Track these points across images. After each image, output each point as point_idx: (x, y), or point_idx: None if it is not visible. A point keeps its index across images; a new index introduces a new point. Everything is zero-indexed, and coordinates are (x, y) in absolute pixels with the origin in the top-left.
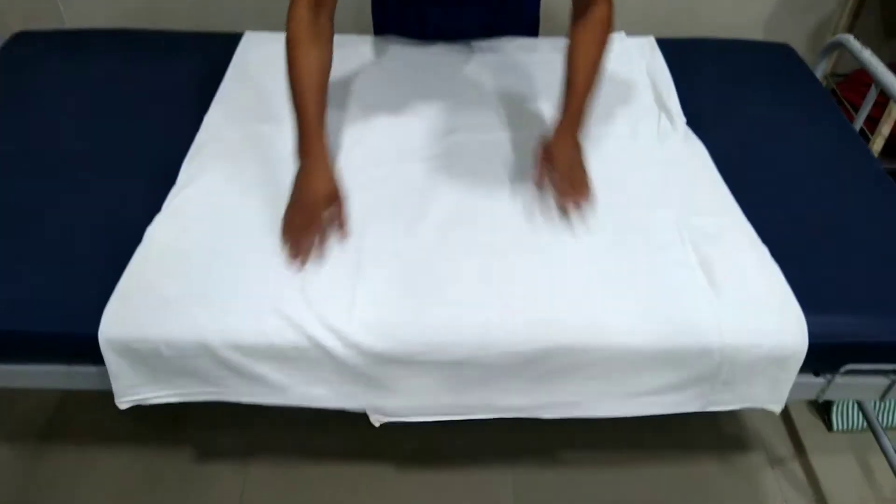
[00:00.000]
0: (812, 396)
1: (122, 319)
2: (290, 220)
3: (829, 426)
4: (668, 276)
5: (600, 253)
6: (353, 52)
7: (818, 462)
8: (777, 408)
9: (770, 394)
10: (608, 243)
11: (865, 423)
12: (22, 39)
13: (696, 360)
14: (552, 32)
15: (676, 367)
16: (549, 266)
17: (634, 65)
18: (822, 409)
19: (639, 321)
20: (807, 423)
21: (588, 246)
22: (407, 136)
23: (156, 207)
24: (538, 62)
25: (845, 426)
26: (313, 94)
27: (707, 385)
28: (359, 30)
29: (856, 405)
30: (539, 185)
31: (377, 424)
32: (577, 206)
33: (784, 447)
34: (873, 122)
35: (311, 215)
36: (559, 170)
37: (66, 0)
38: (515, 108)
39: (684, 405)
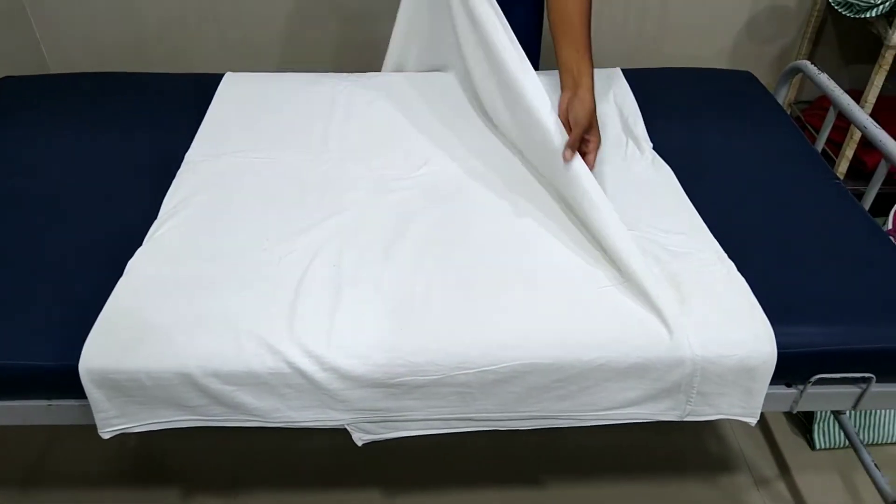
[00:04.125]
0: (786, 408)
1: (102, 351)
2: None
3: (811, 445)
4: (636, 293)
5: (570, 272)
6: (330, 88)
7: (803, 481)
8: (752, 420)
9: (745, 405)
10: (577, 263)
11: (847, 441)
12: (7, 84)
13: (667, 372)
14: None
15: (649, 379)
16: (521, 287)
17: (601, 95)
18: (805, 429)
19: (609, 337)
20: (790, 442)
21: (558, 266)
22: (385, 164)
23: (137, 241)
24: None
25: (827, 444)
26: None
27: (682, 396)
28: (336, 68)
29: (836, 423)
30: (574, 149)
31: (360, 444)
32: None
33: (769, 467)
34: (837, 146)
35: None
36: (594, 132)
37: (49, 46)
38: (496, 137)
39: (661, 415)
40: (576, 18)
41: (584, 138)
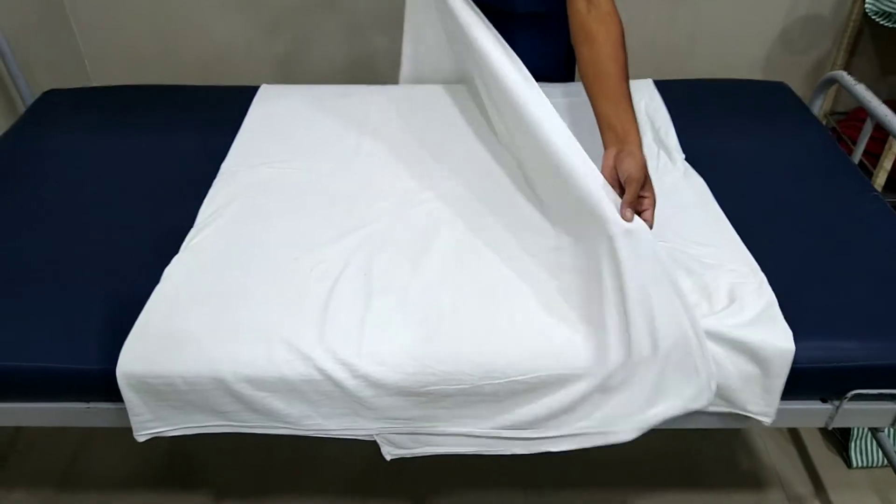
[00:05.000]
0: (822, 424)
1: (139, 356)
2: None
3: (848, 463)
4: (662, 304)
5: (595, 283)
6: (361, 100)
7: (838, 500)
8: (767, 420)
9: (762, 404)
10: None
11: (885, 459)
12: (51, 97)
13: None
14: None
15: (675, 382)
16: (548, 297)
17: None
18: (841, 446)
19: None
20: (825, 459)
21: (584, 277)
22: (414, 176)
23: (174, 249)
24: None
25: (864, 462)
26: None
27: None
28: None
29: (874, 441)
30: (633, 208)
31: (389, 458)
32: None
33: (803, 485)
34: (875, 157)
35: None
36: (648, 188)
37: (92, 59)
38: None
39: (688, 405)
40: (612, 69)
41: (639, 196)
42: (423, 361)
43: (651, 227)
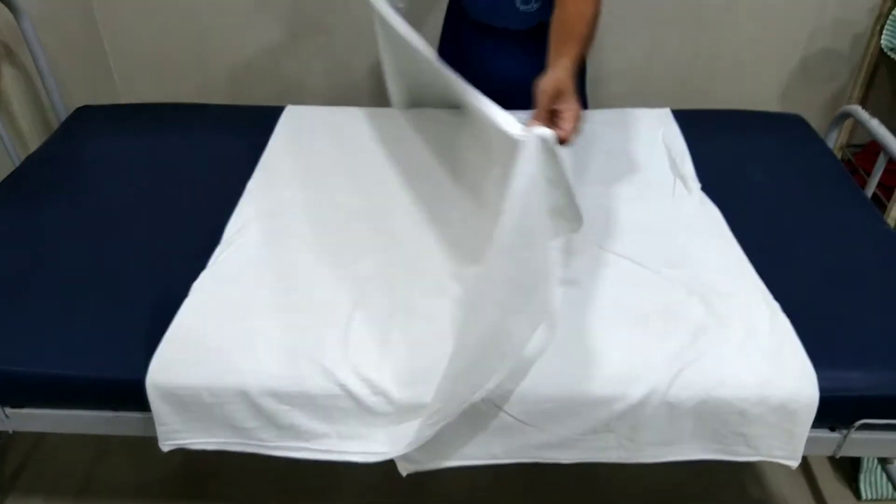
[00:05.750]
0: (829, 452)
1: (167, 367)
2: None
3: (857, 495)
4: (677, 332)
5: (608, 309)
6: (385, 122)
7: None
8: (793, 463)
9: (785, 448)
10: (615, 300)
11: (894, 492)
12: (83, 113)
13: (706, 410)
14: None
15: (688, 417)
16: (566, 323)
17: (650, 134)
18: (851, 477)
19: (649, 374)
20: (834, 491)
21: (598, 302)
22: (437, 197)
23: (202, 264)
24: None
25: (874, 495)
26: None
27: (719, 435)
28: (375, 102)
29: (883, 473)
30: (539, 120)
31: (404, 473)
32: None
33: None
34: (889, 190)
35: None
36: (567, 101)
37: (122, 77)
38: None
39: (699, 453)
40: (572, 35)
41: (555, 110)
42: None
43: (566, 142)
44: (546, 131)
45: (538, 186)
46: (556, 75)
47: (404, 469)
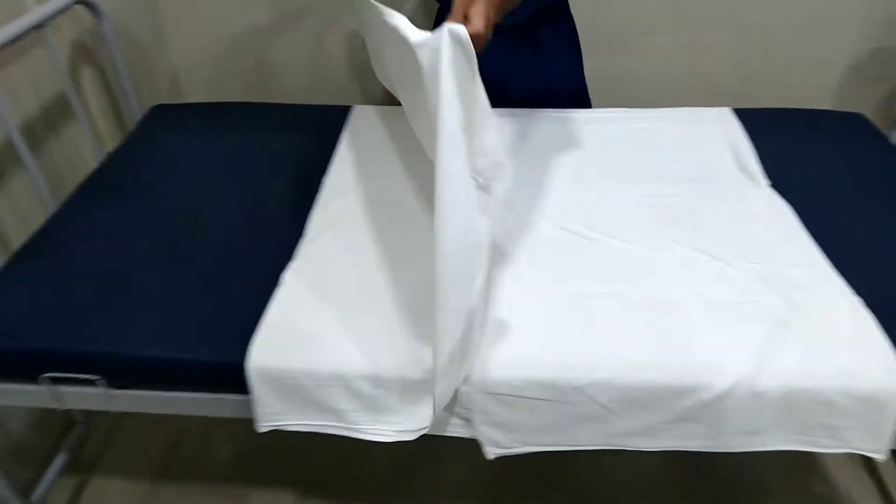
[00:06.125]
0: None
1: (267, 351)
2: None
3: None
4: (757, 323)
5: (689, 301)
6: None
7: None
8: (880, 456)
9: (872, 440)
10: (695, 293)
11: None
12: (159, 111)
13: (792, 400)
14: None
15: (774, 407)
16: (649, 313)
17: (712, 132)
18: None
19: (735, 364)
20: None
21: (679, 295)
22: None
23: (288, 256)
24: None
25: None
26: None
27: (805, 426)
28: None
29: None
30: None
31: (491, 457)
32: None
33: None
34: None
35: None
36: (484, 9)
37: (185, 75)
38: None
39: (783, 444)
40: None
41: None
42: (534, 368)
43: (478, 35)
44: (455, 24)
45: (453, 80)
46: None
47: (491, 452)
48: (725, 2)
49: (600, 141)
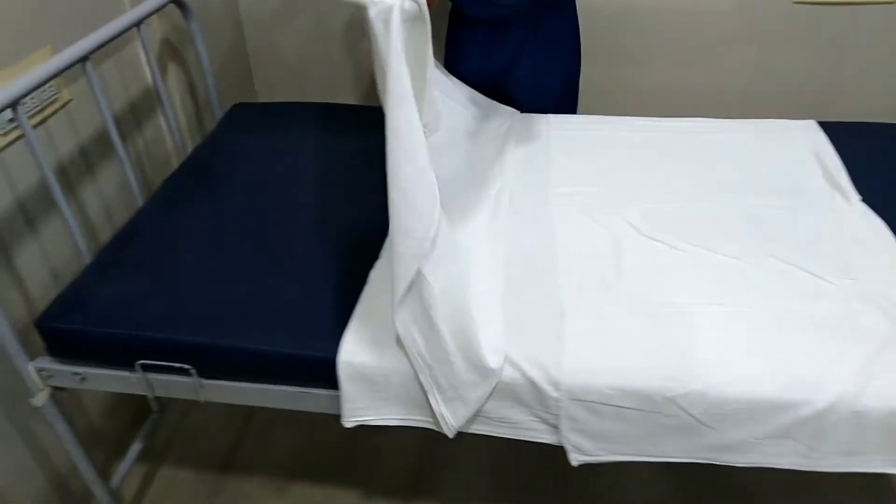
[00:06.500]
0: None
1: (357, 348)
2: None
3: None
4: (860, 342)
5: (787, 316)
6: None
7: None
8: None
9: None
10: (793, 308)
11: None
12: (239, 109)
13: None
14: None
15: (876, 428)
16: (747, 326)
17: (798, 145)
18: None
19: (836, 382)
20: None
21: (776, 310)
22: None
23: (373, 255)
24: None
25: None
26: None
27: None
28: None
29: None
30: None
31: (575, 464)
32: None
33: None
34: None
35: None
36: None
37: (261, 80)
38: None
39: (884, 466)
40: None
41: None
42: (619, 379)
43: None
44: None
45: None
46: None
47: (575, 460)
48: (791, 19)
49: (686, 150)
